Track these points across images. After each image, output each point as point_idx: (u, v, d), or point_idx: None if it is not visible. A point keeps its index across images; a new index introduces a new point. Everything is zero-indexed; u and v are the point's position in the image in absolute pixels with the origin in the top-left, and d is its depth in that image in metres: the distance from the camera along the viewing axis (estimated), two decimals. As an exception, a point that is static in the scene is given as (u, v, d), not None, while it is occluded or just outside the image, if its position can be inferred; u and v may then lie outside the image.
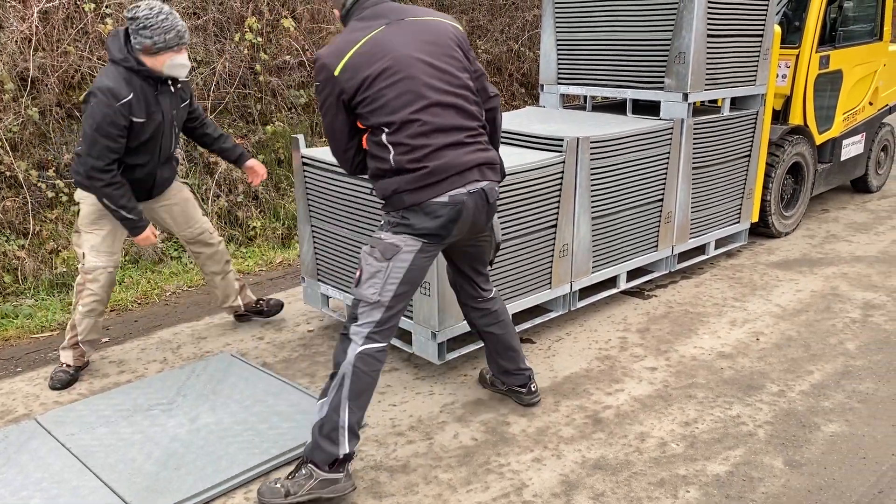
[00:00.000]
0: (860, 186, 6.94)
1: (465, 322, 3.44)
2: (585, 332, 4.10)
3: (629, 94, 4.75)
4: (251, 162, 3.96)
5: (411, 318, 3.59)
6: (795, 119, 5.58)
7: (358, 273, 2.72)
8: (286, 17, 6.31)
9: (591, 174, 4.01)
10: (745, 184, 5.21)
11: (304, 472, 2.68)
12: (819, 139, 5.82)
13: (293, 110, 6.38)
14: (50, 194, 5.13)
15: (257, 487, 2.74)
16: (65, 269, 4.87)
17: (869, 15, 6.07)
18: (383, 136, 2.61)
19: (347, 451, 2.65)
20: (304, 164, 3.93)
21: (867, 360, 3.74)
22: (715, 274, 4.96)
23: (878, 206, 6.52)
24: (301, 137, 3.92)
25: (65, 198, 5.17)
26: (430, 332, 3.51)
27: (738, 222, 5.29)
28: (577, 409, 3.32)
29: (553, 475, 2.86)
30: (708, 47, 4.52)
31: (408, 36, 2.66)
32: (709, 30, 4.48)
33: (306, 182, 3.96)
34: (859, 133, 6.40)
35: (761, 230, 5.62)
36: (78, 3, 5.48)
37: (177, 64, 3.32)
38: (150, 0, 3.27)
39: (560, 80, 5.17)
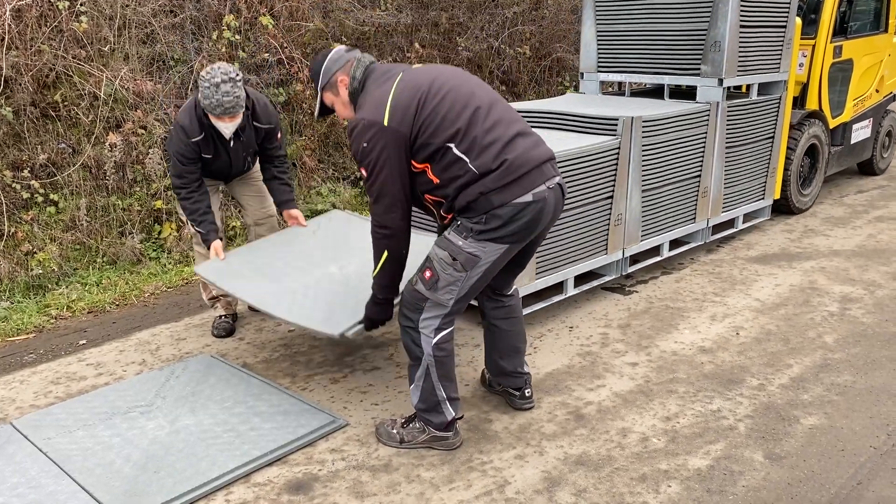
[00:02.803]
0: (867, 169, 7.41)
1: (542, 279, 4.03)
2: (566, 329, 4.11)
3: (667, 80, 5.22)
4: (294, 212, 4.11)
5: None
6: (812, 104, 6.06)
7: (429, 275, 2.78)
8: (264, 15, 6.25)
9: (642, 151, 4.44)
10: (769, 163, 5.68)
11: (418, 425, 3.01)
12: (832, 123, 6.30)
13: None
14: (25, 195, 5.06)
15: (380, 430, 3.09)
16: (40, 271, 4.80)
17: (876, 8, 6.58)
18: (454, 150, 2.66)
19: (454, 415, 2.95)
20: None
21: (845, 352, 3.78)
22: (695, 269, 4.99)
23: (855, 200, 6.59)
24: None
25: (40, 199, 5.10)
26: None
27: (763, 198, 5.76)
28: (558, 406, 3.33)
29: (535, 472, 2.86)
30: (740, 37, 4.97)
31: (432, 69, 2.82)
32: (741, 20, 4.94)
33: None
34: (867, 118, 6.88)
35: (781, 207, 6.06)
36: (52, 1, 5.40)
37: (221, 126, 3.64)
38: (224, 65, 3.53)
39: (600, 69, 5.61)
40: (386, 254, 2.84)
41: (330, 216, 4.18)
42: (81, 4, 5.54)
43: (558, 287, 4.28)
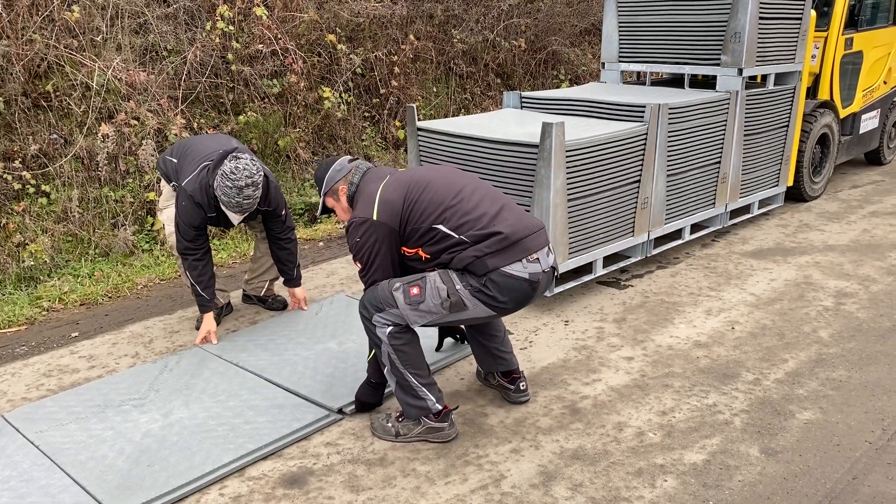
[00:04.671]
0: (873, 159, 7.58)
1: (574, 259, 4.20)
2: (562, 323, 4.10)
3: (687, 70, 5.41)
4: (298, 291, 4.26)
5: None
6: (823, 95, 6.26)
7: (416, 292, 2.82)
8: (258, 6, 6.20)
9: (668, 137, 4.62)
10: (783, 151, 5.87)
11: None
12: (842, 113, 6.50)
13: (266, 100, 6.29)
14: (17, 186, 5.01)
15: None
16: (32, 263, 4.76)
17: (884, 2, 6.75)
18: (443, 228, 2.81)
19: (434, 400, 2.94)
20: (419, 130, 4.53)
21: (840, 347, 3.78)
22: (690, 263, 4.99)
23: (850, 195, 6.60)
24: (415, 107, 4.57)
25: (31, 190, 5.05)
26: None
27: (777, 185, 5.94)
28: (554, 400, 3.32)
29: (531, 466, 2.85)
30: (759, 28, 5.14)
31: (417, 168, 3.04)
32: (760, 12, 5.11)
33: (420, 145, 4.58)
34: (875, 109, 7.06)
35: (793, 194, 6.22)
36: (43, -11, 5.34)
37: (231, 215, 3.71)
38: (248, 165, 3.57)
39: (621, 59, 5.78)
40: None
41: (332, 299, 4.37)
42: (73, -7, 5.48)
43: (587, 267, 4.46)
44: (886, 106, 7.30)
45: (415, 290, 2.82)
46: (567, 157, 3.97)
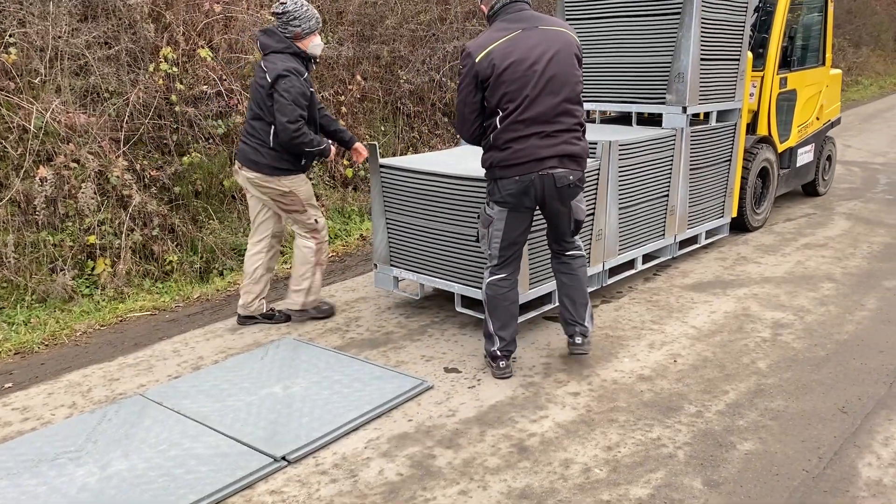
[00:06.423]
0: (810, 190, 8.03)
1: (534, 290, 4.44)
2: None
3: (634, 108, 5.66)
4: (357, 145, 4.78)
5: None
6: (762, 131, 6.64)
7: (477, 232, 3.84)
8: (203, 48, 6.20)
9: (619, 172, 4.87)
10: (727, 183, 6.19)
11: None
12: (780, 147, 6.91)
13: (211, 140, 6.25)
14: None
15: None
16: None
17: (814, 44, 7.28)
18: (497, 119, 3.50)
19: (497, 348, 3.84)
20: (382, 167, 4.67)
21: (777, 377, 3.89)
22: (633, 297, 5.08)
23: (784, 228, 6.84)
24: (377, 145, 4.69)
25: (-36, 235, 4.89)
26: None
27: (722, 216, 6.26)
28: (502, 438, 3.32)
29: (479, 507, 2.84)
30: (701, 69, 5.45)
31: (537, 41, 3.47)
32: (702, 54, 5.42)
33: (383, 182, 4.68)
34: (810, 143, 7.52)
35: (738, 224, 6.53)
36: (-21, 31, 5.24)
37: (317, 44, 4.35)
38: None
39: None
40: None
41: (279, 343, 4.37)
42: (10, 35, 5.39)
43: (534, 302, 4.56)
44: (820, 140, 7.74)
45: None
46: None
